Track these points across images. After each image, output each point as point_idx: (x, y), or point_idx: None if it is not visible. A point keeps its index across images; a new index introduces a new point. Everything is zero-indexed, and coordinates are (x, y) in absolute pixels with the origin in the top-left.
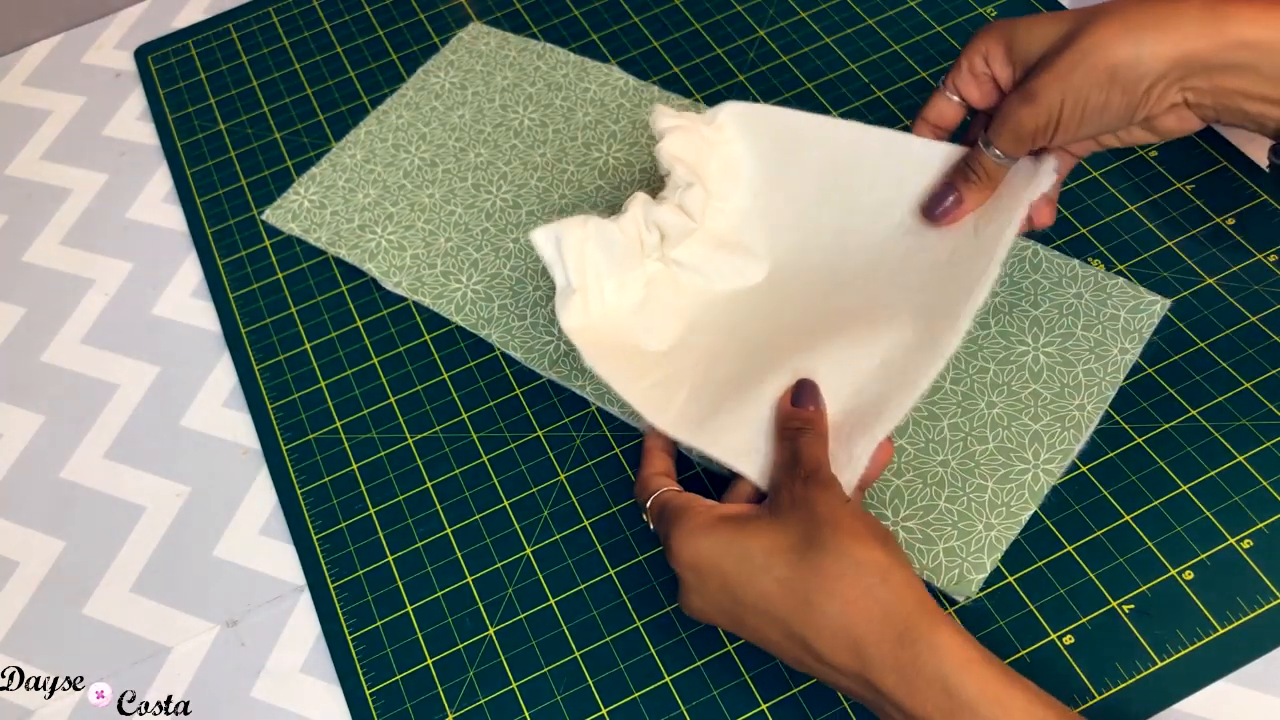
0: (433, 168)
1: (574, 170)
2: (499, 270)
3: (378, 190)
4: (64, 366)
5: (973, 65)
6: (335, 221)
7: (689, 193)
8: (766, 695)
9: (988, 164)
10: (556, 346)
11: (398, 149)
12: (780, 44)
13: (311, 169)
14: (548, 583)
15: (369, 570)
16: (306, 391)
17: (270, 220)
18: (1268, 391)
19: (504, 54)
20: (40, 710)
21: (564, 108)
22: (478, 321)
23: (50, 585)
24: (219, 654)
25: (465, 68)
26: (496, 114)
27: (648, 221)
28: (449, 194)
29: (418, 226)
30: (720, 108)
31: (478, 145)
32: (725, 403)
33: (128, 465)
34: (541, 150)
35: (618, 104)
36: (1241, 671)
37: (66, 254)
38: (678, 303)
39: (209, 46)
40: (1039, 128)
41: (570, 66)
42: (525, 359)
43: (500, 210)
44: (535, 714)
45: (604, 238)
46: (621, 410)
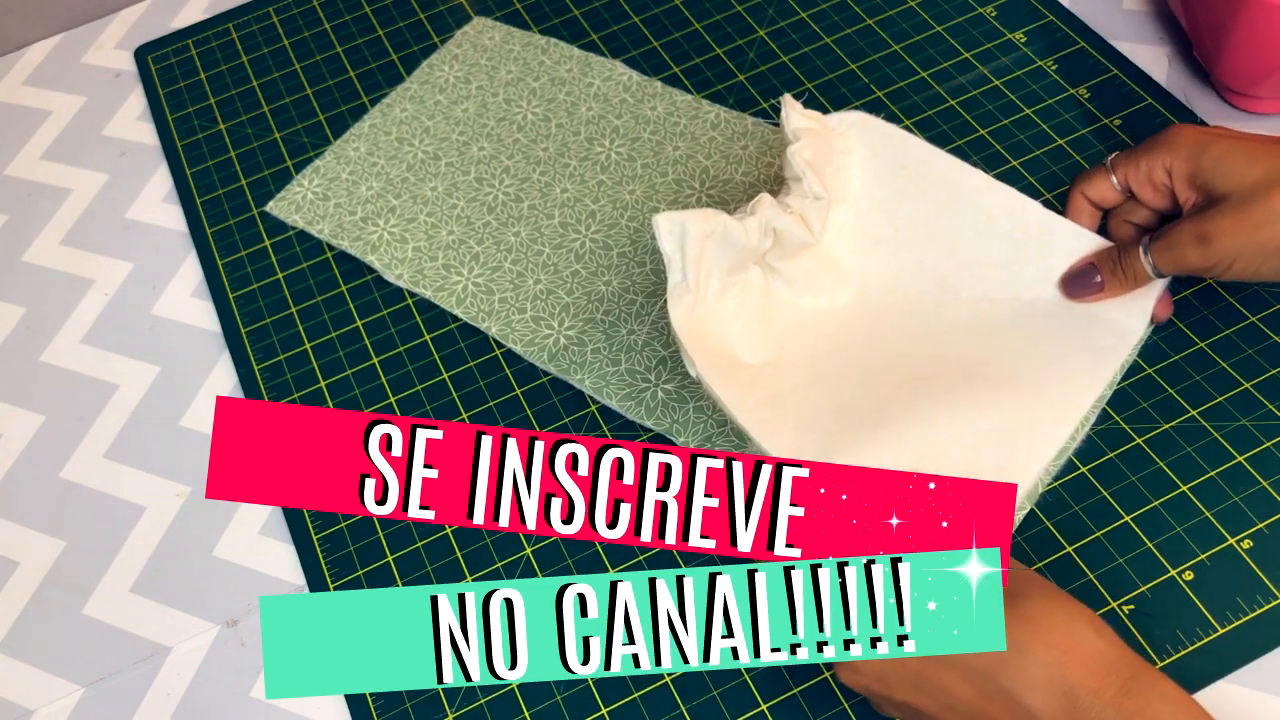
0: (436, 161)
1: (576, 165)
2: (500, 264)
3: (381, 183)
4: (64, 366)
5: (1152, 173)
6: (338, 214)
7: (815, 206)
8: (766, 695)
9: (1139, 269)
10: (556, 340)
11: (401, 142)
12: (780, 44)
13: (315, 161)
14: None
15: (369, 570)
16: (306, 391)
17: (274, 212)
18: (1268, 391)
19: (508, 48)
20: (40, 710)
21: (567, 102)
22: (478, 314)
23: (50, 585)
24: (219, 654)
25: (470, 62)
26: (500, 108)
27: (767, 228)
28: (452, 187)
29: (420, 219)
30: (847, 115)
31: (481, 139)
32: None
33: (128, 465)
34: (544, 145)
35: (621, 99)
36: (1241, 671)
37: (66, 254)
38: (767, 314)
39: (209, 46)
40: (1205, 268)
41: (574, 61)
42: (525, 352)
43: (502, 204)
44: (535, 714)
45: (726, 238)
46: (620, 405)
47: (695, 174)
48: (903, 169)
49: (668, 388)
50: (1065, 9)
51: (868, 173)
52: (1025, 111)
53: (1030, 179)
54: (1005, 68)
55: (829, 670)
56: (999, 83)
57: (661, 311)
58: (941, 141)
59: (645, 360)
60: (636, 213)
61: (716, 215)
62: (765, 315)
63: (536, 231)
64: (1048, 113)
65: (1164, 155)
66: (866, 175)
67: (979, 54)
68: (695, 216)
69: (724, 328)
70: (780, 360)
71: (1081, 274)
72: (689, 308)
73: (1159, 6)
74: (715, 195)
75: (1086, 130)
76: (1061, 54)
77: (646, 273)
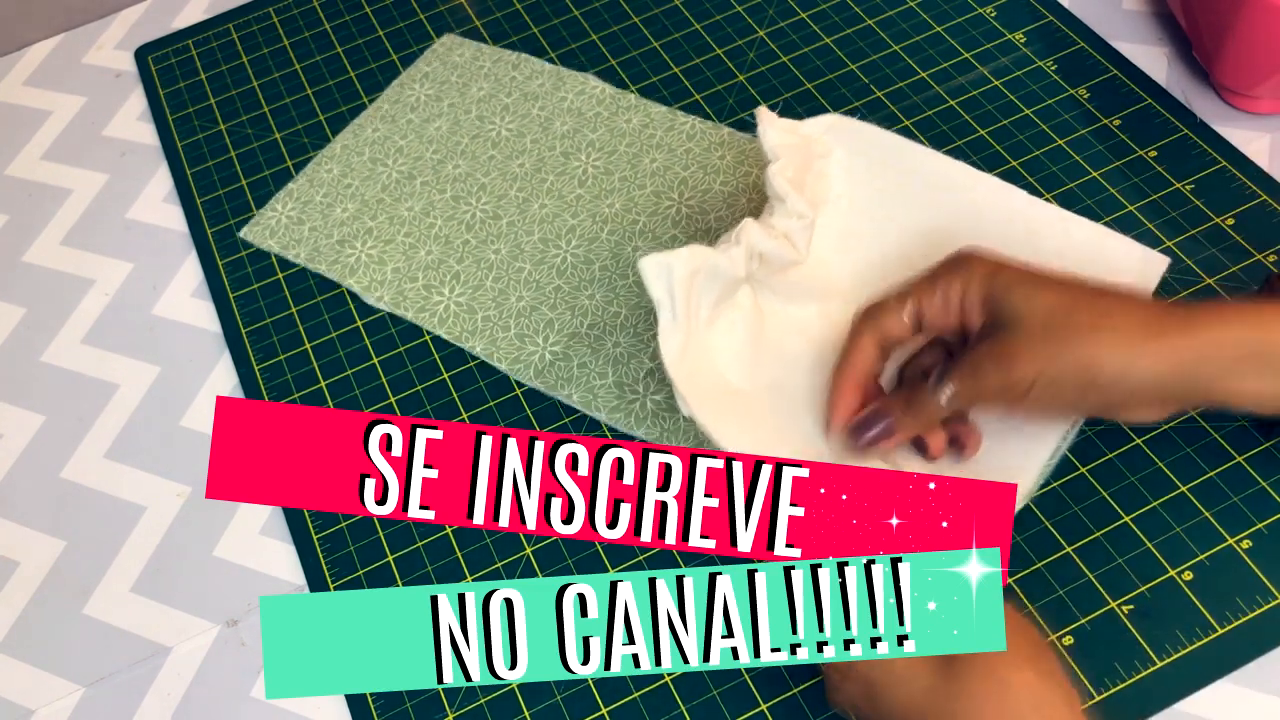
0: (411, 180)
1: (553, 180)
2: (481, 282)
3: (355, 204)
4: (64, 366)
5: (949, 295)
6: (314, 237)
7: (801, 224)
8: (766, 695)
9: (932, 408)
10: (541, 356)
11: (374, 163)
12: (780, 44)
13: (288, 185)
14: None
15: (369, 570)
16: (306, 391)
17: (248, 237)
18: None
19: (479, 65)
20: (40, 710)
21: (541, 117)
22: (461, 334)
23: (50, 585)
24: (219, 654)
25: (440, 79)
26: (473, 125)
27: (754, 254)
28: (428, 206)
29: (398, 240)
30: (822, 119)
31: (455, 157)
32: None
33: (128, 465)
34: (520, 160)
35: (595, 112)
36: (1241, 671)
37: (66, 254)
38: (757, 330)
39: (209, 46)
40: (1003, 392)
41: (546, 76)
42: (510, 369)
43: (480, 221)
44: (535, 714)
45: (714, 273)
46: (609, 418)
47: (674, 185)
48: (883, 166)
49: (656, 398)
50: (1065, 9)
51: (847, 172)
52: (1025, 111)
53: (1030, 179)
54: (1005, 68)
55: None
56: (999, 83)
57: (646, 323)
58: (941, 141)
59: (633, 372)
60: (616, 226)
61: (702, 251)
62: (755, 332)
63: (516, 248)
64: (1048, 113)
65: (961, 277)
66: (846, 175)
67: (979, 54)
68: (681, 256)
69: (715, 356)
70: (775, 383)
71: (869, 419)
72: (680, 347)
73: (1159, 6)
74: (694, 205)
75: (1086, 130)
76: (1061, 54)
77: (629, 285)
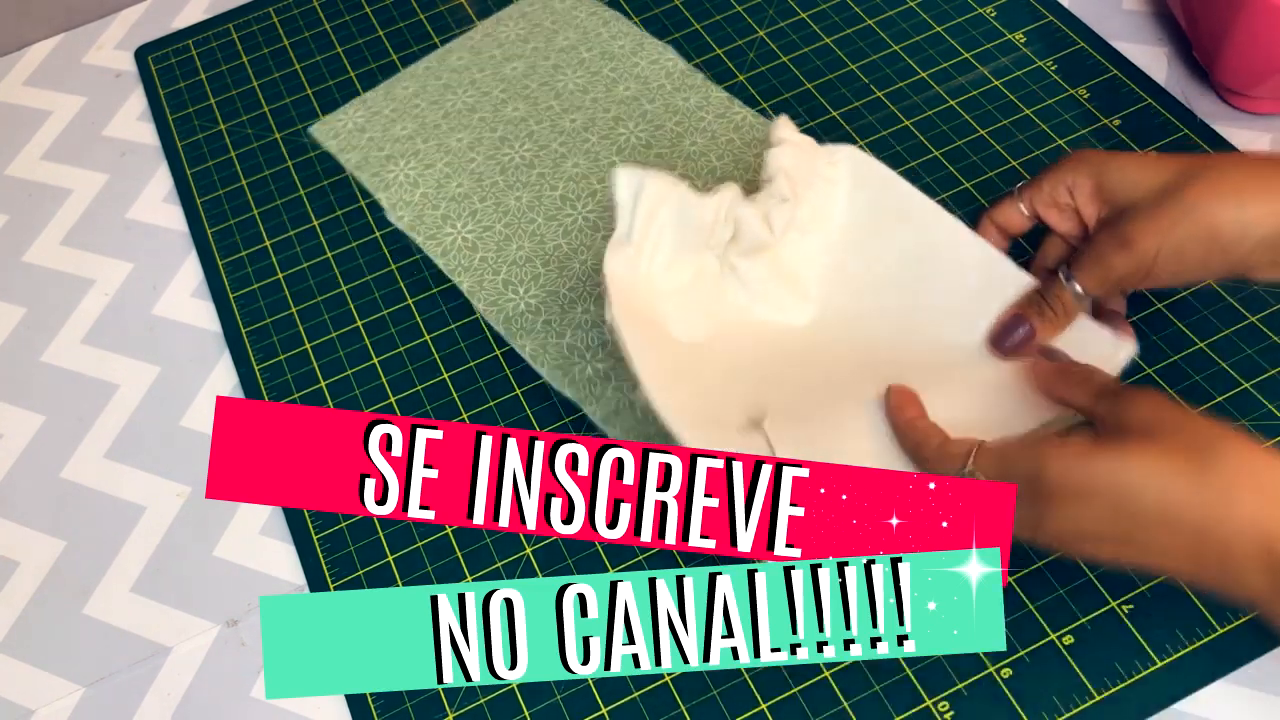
0: (471, 113)
1: (595, 141)
2: (492, 224)
3: (415, 125)
4: (64, 366)
5: (1055, 194)
6: (368, 147)
7: (780, 208)
8: (766, 695)
9: (1066, 299)
10: (516, 305)
11: (446, 89)
12: (780, 44)
13: (366, 93)
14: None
15: (369, 570)
16: (306, 391)
17: (314, 134)
18: (1268, 391)
19: (574, 15)
20: (40, 710)
21: (610, 78)
22: (457, 268)
23: (50, 585)
24: (219, 654)
25: (534, 21)
26: (547, 72)
27: (729, 214)
28: (475, 141)
29: (437, 167)
30: (841, 148)
31: (518, 100)
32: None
33: (128, 465)
34: (573, 116)
35: (659, 84)
36: (1241, 671)
37: (66, 254)
38: (714, 307)
39: (209, 46)
40: (1130, 273)
41: (629, 38)
42: (485, 312)
43: (515, 167)
44: (535, 714)
45: (682, 208)
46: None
47: (703, 172)
48: (882, 210)
49: (599, 366)
50: (1065, 9)
51: (847, 206)
52: (1025, 112)
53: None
54: (1005, 68)
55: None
56: (999, 83)
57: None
58: (941, 141)
59: (587, 339)
60: None
61: (680, 183)
62: (711, 307)
63: (536, 200)
64: (1047, 113)
65: (1063, 174)
66: (846, 209)
67: (979, 54)
68: (657, 177)
69: (661, 298)
70: (712, 347)
71: (1008, 325)
72: (627, 260)
73: (1159, 7)
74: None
75: (1086, 130)
76: (1061, 54)
77: None
